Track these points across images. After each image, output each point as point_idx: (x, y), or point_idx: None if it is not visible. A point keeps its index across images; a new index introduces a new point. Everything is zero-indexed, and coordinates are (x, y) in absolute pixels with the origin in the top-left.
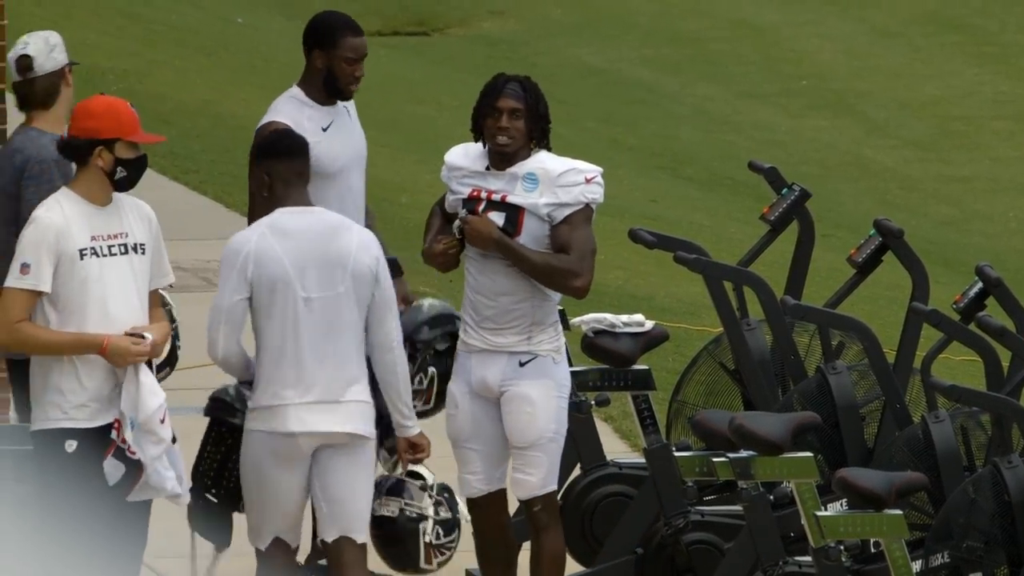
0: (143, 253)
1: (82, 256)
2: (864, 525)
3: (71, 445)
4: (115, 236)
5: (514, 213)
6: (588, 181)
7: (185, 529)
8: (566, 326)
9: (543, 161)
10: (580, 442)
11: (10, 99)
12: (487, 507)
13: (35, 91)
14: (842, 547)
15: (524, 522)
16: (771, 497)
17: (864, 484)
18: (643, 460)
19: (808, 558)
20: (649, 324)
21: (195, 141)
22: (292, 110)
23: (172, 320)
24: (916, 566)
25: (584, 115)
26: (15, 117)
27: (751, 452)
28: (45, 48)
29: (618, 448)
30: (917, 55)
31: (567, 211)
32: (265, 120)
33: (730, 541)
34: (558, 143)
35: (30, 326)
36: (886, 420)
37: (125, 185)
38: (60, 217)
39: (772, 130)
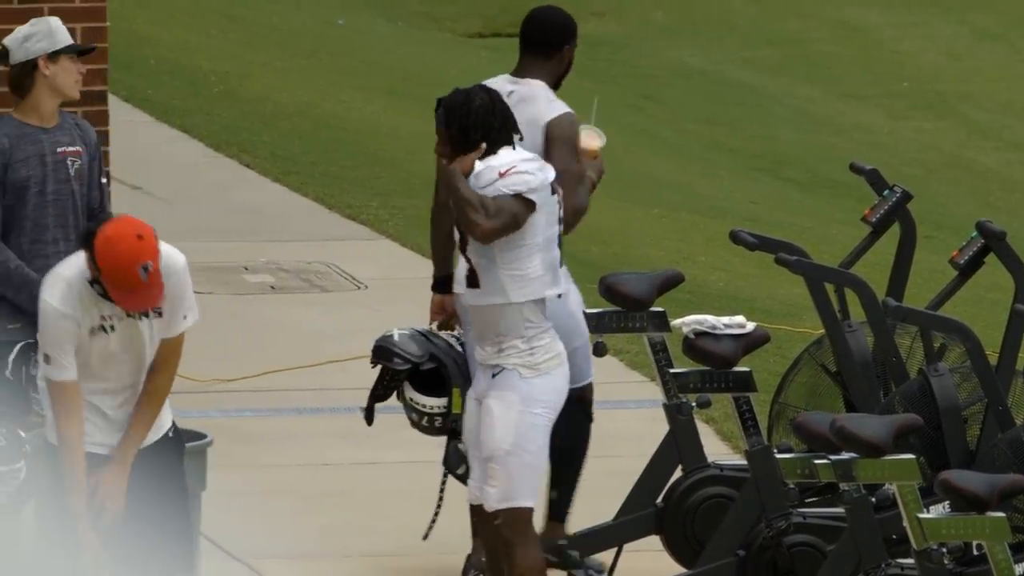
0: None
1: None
2: (967, 528)
3: None
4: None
5: None
6: (503, 175)
7: (287, 530)
8: (667, 327)
9: (479, 163)
10: (681, 444)
11: (112, 100)
12: (482, 516)
13: (10, 80)
14: (944, 550)
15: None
16: (873, 499)
17: (967, 486)
18: (744, 462)
19: (910, 560)
20: (750, 326)
21: (295, 143)
22: None
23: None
24: (1019, 569)
25: (684, 117)
26: (117, 119)
27: (853, 454)
28: (20, 38)
29: (719, 450)
30: (1019, 56)
31: None
32: (566, 111)
33: (832, 543)
34: (660, 145)
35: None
36: (988, 422)
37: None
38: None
39: (873, 132)
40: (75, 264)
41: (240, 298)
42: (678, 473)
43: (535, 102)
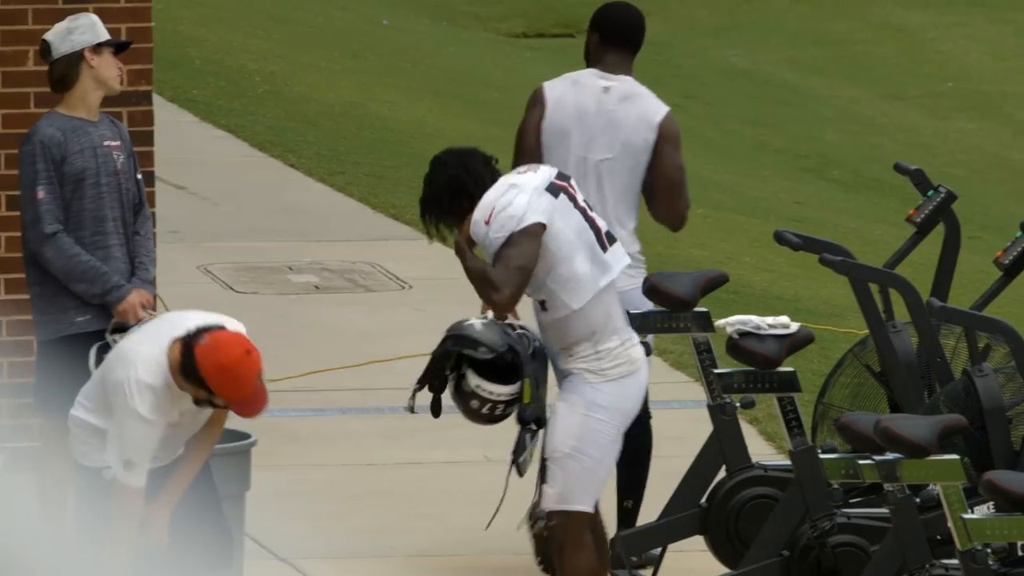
0: None
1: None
2: (1011, 528)
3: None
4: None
5: None
6: (488, 223)
7: (331, 530)
8: (711, 328)
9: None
10: (725, 444)
11: (157, 100)
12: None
13: (52, 75)
14: (989, 550)
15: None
16: (917, 500)
17: (1011, 487)
18: (788, 462)
19: (955, 561)
20: (794, 326)
21: (340, 143)
22: None
23: None
24: None
25: (729, 117)
26: (162, 119)
27: (897, 455)
28: (63, 31)
29: (763, 450)
30: None
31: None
32: (668, 107)
33: (876, 544)
34: (704, 145)
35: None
36: None
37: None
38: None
39: (918, 132)
40: (156, 370)
41: (284, 298)
42: (722, 473)
43: (641, 99)
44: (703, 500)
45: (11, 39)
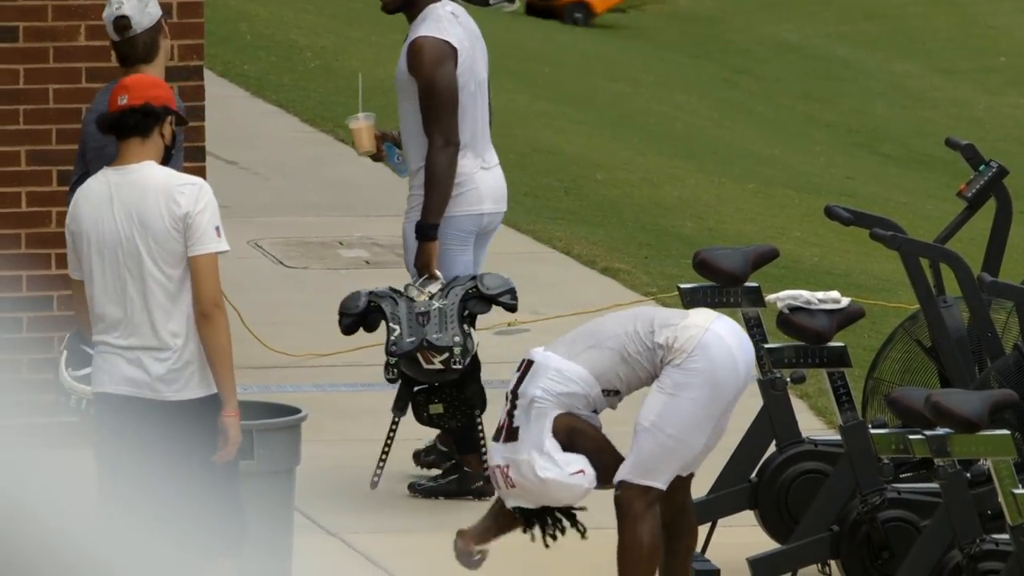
0: None
1: None
2: None
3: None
4: None
5: None
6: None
7: (380, 504)
8: (761, 302)
9: None
10: (775, 419)
11: (208, 75)
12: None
13: (136, 48)
14: None
15: (713, 501)
16: (968, 475)
17: None
18: (839, 437)
19: (1005, 536)
20: (845, 301)
21: (392, 119)
22: None
23: None
24: None
25: (781, 92)
26: (212, 94)
27: (948, 430)
28: (138, 4)
29: (814, 425)
30: None
31: None
32: None
33: (926, 519)
34: (755, 120)
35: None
36: None
37: (167, 160)
38: None
39: (969, 107)
40: (170, 173)
41: (335, 273)
42: (772, 448)
43: (470, 19)
44: (753, 475)
45: (63, 14)
